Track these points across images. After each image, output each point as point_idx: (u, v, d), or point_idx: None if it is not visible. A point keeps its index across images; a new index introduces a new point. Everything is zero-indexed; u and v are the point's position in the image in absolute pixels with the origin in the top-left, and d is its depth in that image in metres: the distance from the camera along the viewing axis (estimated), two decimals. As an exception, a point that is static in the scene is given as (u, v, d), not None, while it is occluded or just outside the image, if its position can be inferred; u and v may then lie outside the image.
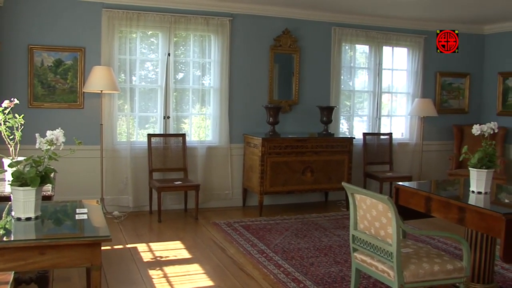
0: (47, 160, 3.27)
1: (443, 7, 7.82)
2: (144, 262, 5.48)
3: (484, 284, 4.41)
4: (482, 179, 4.38)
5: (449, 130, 9.54)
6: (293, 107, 8.40)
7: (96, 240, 3.07)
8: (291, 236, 6.54)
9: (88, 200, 4.11)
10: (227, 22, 7.84)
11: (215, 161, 7.98)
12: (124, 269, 5.28)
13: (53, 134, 3.34)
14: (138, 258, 5.61)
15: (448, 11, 8.21)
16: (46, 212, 3.61)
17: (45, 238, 3.08)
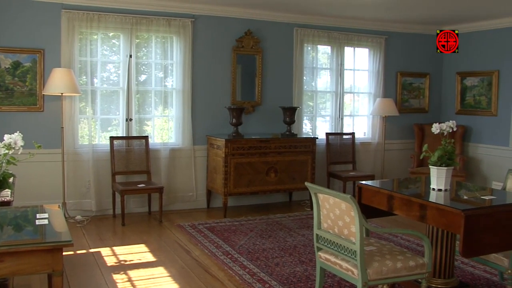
0: (5, 164, 3.21)
1: (403, 8, 7.94)
2: (108, 267, 5.41)
3: (445, 279, 4.49)
4: (442, 176, 4.45)
5: (410, 129, 9.70)
6: (256, 108, 8.42)
7: (57, 246, 3.02)
8: (256, 237, 6.54)
9: (49, 205, 4.04)
10: (189, 24, 7.81)
11: (178, 163, 7.93)
12: (87, 274, 5.20)
13: (11, 138, 3.28)
14: (101, 262, 5.54)
15: (408, 13, 8.35)
16: (5, 218, 3.54)
17: (3, 245, 3.00)
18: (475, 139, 9.41)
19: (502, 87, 8.90)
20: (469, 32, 9.43)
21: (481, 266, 5.52)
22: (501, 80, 8.90)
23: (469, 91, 9.52)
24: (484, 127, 9.24)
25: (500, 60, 8.89)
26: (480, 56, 9.26)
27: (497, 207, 4.13)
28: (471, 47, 9.45)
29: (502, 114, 8.89)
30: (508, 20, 8.59)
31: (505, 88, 8.84)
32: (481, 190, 4.92)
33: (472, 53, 9.43)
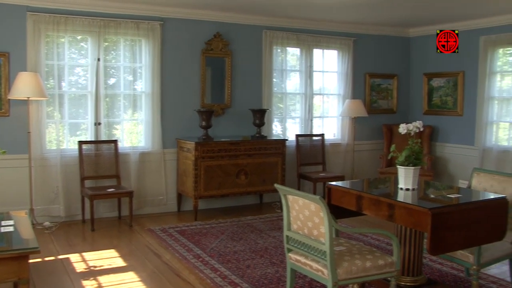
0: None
1: (371, 10, 8.03)
2: (77, 273, 5.34)
3: (413, 276, 4.55)
4: (410, 176, 4.51)
5: (379, 129, 9.80)
6: (226, 110, 8.41)
7: (23, 253, 2.98)
8: (227, 240, 6.54)
9: (16, 212, 3.99)
10: (157, 26, 7.77)
11: (148, 166, 7.88)
12: (55, 281, 5.13)
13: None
14: (70, 269, 5.46)
15: (376, 15, 8.44)
16: (-30, 226, 3.47)
17: (-33, 253, 2.95)
18: (442, 138, 9.56)
19: (467, 87, 9.07)
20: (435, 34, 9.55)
21: (448, 263, 5.61)
22: (466, 81, 9.06)
23: (435, 91, 9.67)
24: (450, 127, 9.39)
25: (465, 61, 9.04)
26: (446, 57, 9.41)
27: (463, 205, 4.21)
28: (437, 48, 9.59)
29: (468, 114, 9.06)
30: (471, 22, 8.75)
31: (470, 89, 9.00)
32: (448, 189, 5.00)
33: (438, 54, 9.56)
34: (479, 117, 8.80)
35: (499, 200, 4.32)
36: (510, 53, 8.54)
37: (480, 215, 4.14)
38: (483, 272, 5.24)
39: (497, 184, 4.88)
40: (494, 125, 8.65)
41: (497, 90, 8.58)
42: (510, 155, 8.31)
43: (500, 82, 8.60)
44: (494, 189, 4.85)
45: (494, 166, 8.30)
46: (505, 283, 5.13)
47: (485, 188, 4.95)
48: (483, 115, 8.69)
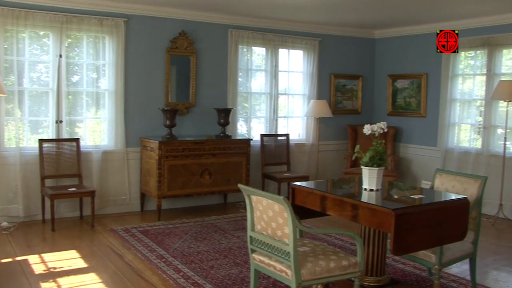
0: None
1: (336, 11, 8.06)
2: (36, 275, 5.21)
3: (377, 276, 4.56)
4: (374, 176, 4.52)
5: (344, 130, 9.86)
6: (190, 109, 8.34)
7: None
8: (190, 240, 6.48)
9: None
10: (121, 23, 7.65)
11: (111, 165, 7.76)
12: (13, 283, 4.98)
13: None
14: (29, 271, 5.32)
15: (341, 16, 8.48)
16: None
17: None
18: (405, 139, 9.67)
19: (430, 89, 9.20)
20: (400, 36, 9.69)
21: (411, 263, 5.67)
22: (429, 83, 9.19)
23: (400, 93, 9.77)
24: (414, 128, 9.51)
25: (428, 63, 9.17)
26: (410, 59, 9.54)
27: (426, 206, 4.24)
28: (402, 50, 9.71)
29: (431, 116, 9.19)
30: (435, 25, 8.86)
31: (433, 91, 9.14)
32: (411, 190, 5.04)
33: (403, 56, 9.69)
34: (441, 119, 8.93)
35: (460, 201, 4.37)
36: (471, 56, 8.68)
37: (443, 215, 4.18)
38: (444, 271, 5.30)
39: (458, 185, 4.94)
40: (456, 127, 8.79)
41: (459, 93, 8.73)
42: (471, 156, 8.45)
43: (462, 85, 8.75)
44: (456, 190, 4.90)
45: (455, 167, 8.44)
46: (465, 281, 5.20)
47: (447, 188, 5.01)
48: (445, 117, 8.82)
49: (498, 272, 5.67)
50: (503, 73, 8.20)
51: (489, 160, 8.23)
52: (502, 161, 7.83)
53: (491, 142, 8.27)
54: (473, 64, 8.68)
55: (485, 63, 8.33)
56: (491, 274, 5.61)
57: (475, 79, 8.62)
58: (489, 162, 8.21)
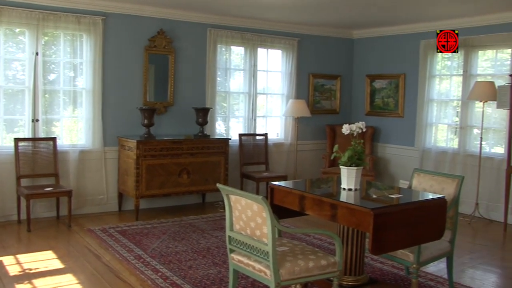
0: None
1: (314, 11, 8.08)
2: (11, 276, 5.12)
3: (355, 276, 4.58)
4: (352, 176, 4.53)
5: (322, 130, 9.89)
6: (169, 108, 8.29)
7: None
8: (168, 240, 6.44)
9: None
10: (99, 21, 7.57)
11: (88, 165, 7.68)
12: (-12, 284, 4.91)
13: None
14: (3, 272, 5.23)
15: (319, 16, 8.50)
16: None
17: None
18: (383, 139, 9.73)
19: (408, 90, 9.27)
20: (378, 36, 9.75)
21: (389, 262, 5.70)
22: (407, 83, 9.26)
23: (378, 93, 9.83)
24: (391, 128, 9.57)
25: (406, 64, 9.24)
26: (388, 59, 9.60)
27: (404, 205, 4.26)
28: (380, 51, 9.77)
29: (408, 116, 9.26)
30: (412, 26, 8.96)
31: (410, 91, 9.21)
32: (389, 189, 5.06)
33: (381, 56, 9.75)
34: (419, 119, 9.01)
35: (438, 200, 4.40)
36: (448, 57, 8.77)
37: (420, 215, 4.21)
38: (422, 270, 5.36)
39: (436, 184, 4.98)
40: (433, 127, 8.88)
41: (436, 93, 8.81)
42: (448, 156, 8.53)
43: (439, 85, 8.83)
44: (434, 189, 4.94)
45: (433, 167, 8.52)
46: (442, 280, 5.26)
47: (425, 188, 5.05)
48: (423, 117, 8.90)
49: (474, 270, 5.73)
50: (478, 74, 8.30)
51: (465, 159, 8.32)
52: (478, 161, 7.92)
53: (467, 142, 8.36)
54: (450, 65, 8.77)
55: (462, 64, 8.42)
56: (467, 272, 5.67)
57: (452, 80, 8.71)
58: (466, 162, 8.30)
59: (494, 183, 7.96)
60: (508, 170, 7.41)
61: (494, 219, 7.91)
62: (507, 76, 7.70)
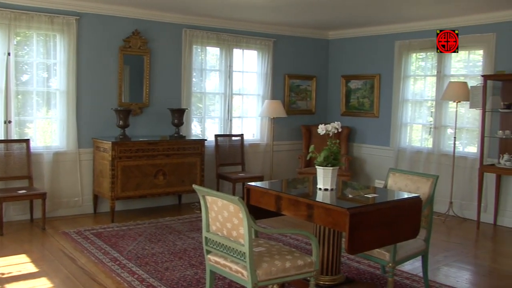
0: None
1: (290, 12, 8.09)
2: (-16, 280, 5.05)
3: (332, 275, 4.59)
4: (328, 176, 4.55)
5: (298, 130, 9.92)
6: (144, 109, 8.24)
7: None
8: (145, 242, 6.39)
9: None
10: (73, 21, 7.49)
11: (62, 167, 7.59)
12: (-41, 288, 4.82)
13: None
14: (-24, 275, 5.16)
15: (295, 17, 8.52)
16: None
17: None
18: (359, 139, 9.79)
19: (383, 90, 9.34)
20: (353, 37, 9.81)
21: (365, 261, 5.74)
22: (382, 84, 9.34)
23: (353, 93, 9.89)
24: (367, 128, 9.64)
25: (381, 64, 9.32)
26: (363, 60, 9.67)
27: (380, 204, 4.28)
28: (355, 51, 9.84)
29: (383, 116, 9.33)
30: (387, 27, 9.04)
31: (385, 91, 9.29)
32: (365, 189, 5.09)
33: (356, 57, 9.82)
34: (394, 119, 9.09)
35: (413, 199, 4.44)
36: (422, 58, 8.87)
37: (396, 214, 4.24)
38: (398, 268, 5.40)
39: (411, 184, 5.02)
40: (408, 127, 8.96)
41: (410, 93, 8.90)
42: (423, 156, 8.62)
43: (414, 86, 8.92)
44: (409, 189, 4.99)
45: (408, 166, 8.60)
46: (417, 278, 5.31)
47: (400, 187, 5.09)
48: (397, 117, 8.98)
49: (449, 268, 5.80)
50: (452, 74, 8.41)
51: (439, 159, 8.41)
52: (452, 160, 8.02)
53: (441, 142, 8.46)
54: (424, 65, 8.87)
55: (435, 65, 8.51)
56: (442, 270, 5.74)
57: (426, 80, 8.81)
58: (440, 161, 8.40)
59: (468, 182, 8.06)
60: (481, 169, 7.52)
61: (468, 217, 8.02)
62: (479, 76, 7.81)
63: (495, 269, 5.89)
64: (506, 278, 5.55)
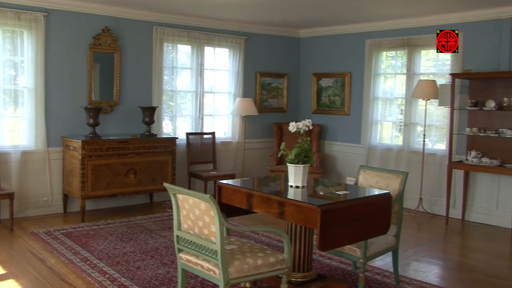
0: None
1: (261, 10, 8.09)
2: None
3: (304, 272, 4.61)
4: (299, 173, 4.57)
5: (270, 128, 9.93)
6: (115, 108, 8.16)
7: None
8: (116, 241, 6.34)
9: None
10: (41, 18, 7.37)
11: (31, 166, 7.47)
12: None
13: None
14: None
15: (266, 15, 8.53)
16: None
17: None
18: (330, 137, 9.85)
19: (354, 88, 9.42)
20: (324, 35, 9.86)
21: (337, 258, 5.78)
22: (353, 82, 9.41)
23: (324, 91, 9.95)
24: (338, 125, 9.71)
25: (352, 63, 9.39)
26: (334, 58, 9.73)
27: (350, 201, 4.33)
28: (326, 49, 9.89)
29: (354, 114, 9.41)
30: (358, 26, 9.12)
31: (356, 89, 9.36)
32: (336, 186, 5.14)
33: (327, 55, 9.87)
34: (365, 117, 9.17)
35: (383, 196, 4.48)
36: (392, 56, 8.96)
37: (367, 210, 4.28)
38: (369, 264, 5.45)
39: (381, 181, 5.07)
40: (379, 125, 9.04)
41: (381, 91, 8.99)
42: (393, 153, 8.72)
43: (384, 84, 9.01)
44: (379, 185, 5.04)
45: (378, 163, 8.68)
46: (388, 273, 5.37)
47: (370, 184, 5.14)
48: (368, 115, 9.06)
49: (419, 263, 5.88)
50: (421, 73, 8.51)
51: (409, 156, 8.52)
52: (421, 157, 8.12)
53: (411, 139, 8.56)
54: (394, 64, 8.96)
55: (405, 63, 8.61)
56: (412, 265, 5.81)
57: (396, 79, 8.90)
58: (410, 158, 8.50)
59: (437, 179, 8.18)
60: (450, 166, 7.64)
61: (437, 213, 8.13)
62: (448, 75, 7.92)
63: (463, 263, 6.00)
64: (474, 271, 5.65)
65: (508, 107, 7.21)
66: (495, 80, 7.51)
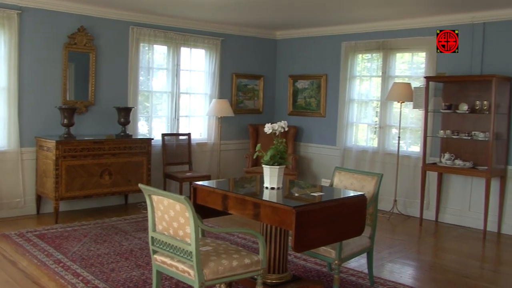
0: None
1: (238, 11, 8.10)
2: None
3: (279, 274, 4.61)
4: (275, 175, 4.57)
5: (245, 129, 9.93)
6: (90, 108, 8.09)
7: None
8: (90, 243, 6.27)
9: None
10: (14, 16, 7.27)
11: (3, 167, 7.36)
12: None
13: None
14: None
15: (243, 16, 8.53)
16: None
17: None
18: (306, 139, 9.89)
19: (329, 90, 9.47)
20: (301, 37, 9.90)
21: (312, 259, 5.80)
22: (329, 84, 9.46)
23: (300, 93, 9.98)
24: (314, 127, 9.75)
25: (328, 65, 9.44)
26: (311, 60, 9.76)
27: (326, 203, 4.34)
28: (302, 51, 9.93)
29: (330, 115, 9.46)
30: (334, 28, 9.18)
31: (332, 91, 9.41)
32: (311, 188, 5.15)
33: (303, 57, 9.91)
34: (340, 119, 9.23)
35: (358, 198, 4.51)
36: (367, 59, 9.03)
37: (342, 212, 4.30)
38: (343, 266, 5.49)
39: (356, 182, 5.11)
40: (354, 127, 9.10)
41: (356, 94, 9.05)
42: (368, 155, 8.79)
43: (359, 86, 9.08)
44: (354, 187, 5.07)
45: (353, 165, 8.74)
46: (363, 275, 5.40)
47: (345, 186, 5.17)
48: (344, 117, 9.12)
49: (393, 264, 5.93)
50: (396, 75, 8.59)
51: (384, 158, 8.59)
52: (396, 159, 8.20)
53: (386, 141, 8.63)
54: (370, 66, 9.03)
55: (381, 65, 8.69)
56: (386, 266, 5.86)
57: (372, 81, 8.97)
58: (385, 160, 8.57)
59: (411, 181, 8.26)
60: (424, 168, 7.73)
61: (411, 214, 8.22)
62: (422, 78, 8.01)
63: (436, 264, 6.06)
64: (447, 272, 5.72)
65: (480, 110, 7.32)
66: (467, 83, 7.62)
